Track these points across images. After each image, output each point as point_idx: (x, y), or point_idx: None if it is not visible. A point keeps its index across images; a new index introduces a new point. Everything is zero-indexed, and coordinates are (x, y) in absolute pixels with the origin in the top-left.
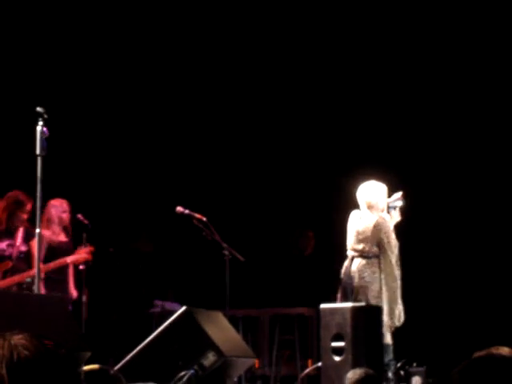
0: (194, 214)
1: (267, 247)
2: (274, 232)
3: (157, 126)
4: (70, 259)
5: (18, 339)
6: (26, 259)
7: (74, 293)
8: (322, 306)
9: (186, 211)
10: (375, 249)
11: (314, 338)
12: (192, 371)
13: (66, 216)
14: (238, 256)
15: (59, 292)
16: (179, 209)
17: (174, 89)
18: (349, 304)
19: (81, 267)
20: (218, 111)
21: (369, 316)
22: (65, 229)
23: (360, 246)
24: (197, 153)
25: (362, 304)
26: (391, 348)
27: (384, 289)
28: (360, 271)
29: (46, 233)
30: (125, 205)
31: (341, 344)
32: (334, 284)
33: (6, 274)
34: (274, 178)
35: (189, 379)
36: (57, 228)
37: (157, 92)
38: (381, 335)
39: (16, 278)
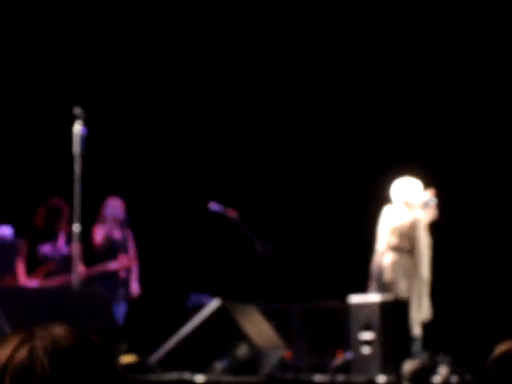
0: (227, 209)
1: (298, 241)
2: (305, 226)
3: (192, 122)
4: (112, 266)
5: (58, 331)
6: (68, 261)
7: (135, 289)
8: (352, 298)
9: (219, 206)
10: (408, 245)
11: (343, 330)
12: (226, 362)
13: (119, 213)
14: (269, 250)
15: (121, 289)
16: (212, 204)
17: (208, 87)
18: (378, 297)
19: (122, 275)
20: (252, 107)
21: (397, 309)
22: (121, 226)
23: (394, 241)
24: (229, 148)
25: (391, 298)
26: (419, 340)
27: (415, 284)
28: (392, 265)
29: (102, 229)
30: (161, 201)
31: (370, 336)
32: (363, 277)
33: (49, 276)
34: (305, 172)
35: (223, 370)
36: (111, 225)
37: (191, 90)
38: (408, 328)
39: (59, 280)
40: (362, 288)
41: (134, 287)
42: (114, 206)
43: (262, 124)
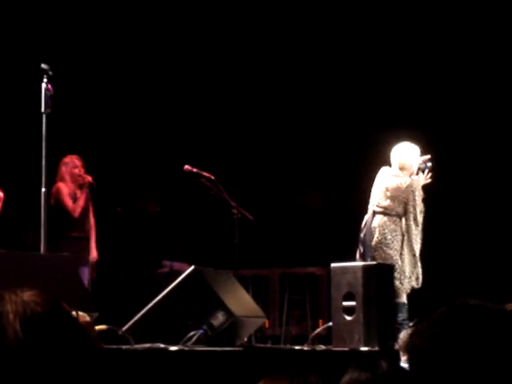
0: (202, 173)
1: (277, 206)
2: (284, 190)
3: (166, 82)
4: None
5: (29, 295)
6: None
7: (94, 253)
8: (333, 264)
9: (194, 170)
10: (400, 208)
11: (324, 298)
12: (201, 331)
13: (77, 171)
14: (247, 215)
15: (80, 251)
16: (187, 167)
17: (184, 49)
18: (360, 263)
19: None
20: (230, 69)
21: (380, 275)
22: (80, 185)
23: (386, 203)
24: (205, 110)
25: (374, 263)
26: (406, 307)
27: (406, 251)
28: (381, 227)
29: (66, 189)
30: (132, 164)
31: (352, 303)
32: (345, 243)
33: None
34: (284, 136)
35: (198, 339)
36: (71, 185)
37: (166, 50)
38: (393, 294)
39: None
40: (346, 254)
41: (93, 252)
42: (74, 165)
43: (240, 84)
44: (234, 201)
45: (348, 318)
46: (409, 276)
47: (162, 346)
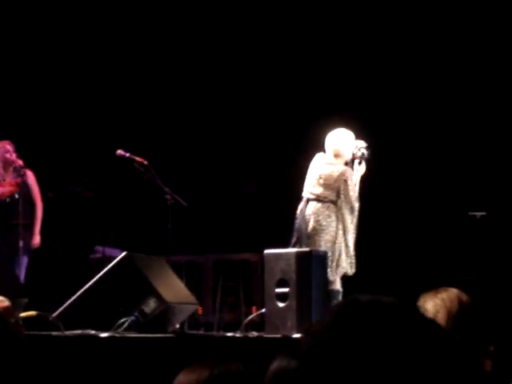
0: (135, 158)
1: (211, 192)
2: (218, 176)
3: (100, 65)
4: None
5: None
6: None
7: (35, 240)
8: (266, 251)
9: (127, 154)
10: (333, 196)
11: (258, 285)
12: (133, 318)
13: (9, 156)
14: (181, 200)
15: (17, 239)
16: (120, 152)
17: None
18: (293, 249)
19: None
20: (164, 52)
21: (314, 261)
22: (14, 170)
23: (319, 191)
24: (138, 95)
25: (307, 249)
26: (341, 295)
27: (339, 238)
28: (315, 214)
29: None
30: (64, 148)
31: (285, 290)
32: (279, 229)
33: None
34: (216, 119)
35: (129, 326)
36: (0, 170)
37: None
38: (326, 281)
39: None
40: (280, 240)
41: (35, 239)
42: (6, 151)
43: (173, 68)
44: (167, 186)
45: (281, 304)
46: (343, 263)
47: (92, 332)
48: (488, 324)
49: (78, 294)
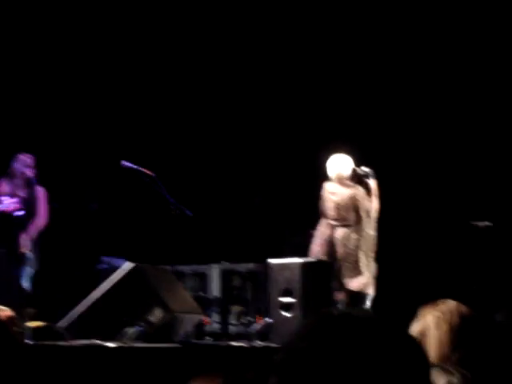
0: (142, 169)
1: (217, 202)
2: (225, 187)
3: (104, 78)
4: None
5: None
6: None
7: (26, 243)
8: (271, 260)
9: (134, 166)
10: (354, 217)
11: (264, 295)
12: (139, 327)
13: (28, 171)
14: (186, 211)
15: (32, 249)
16: (125, 164)
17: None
18: (298, 259)
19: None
20: (163, 65)
21: (318, 271)
22: (27, 184)
23: (341, 216)
24: (143, 106)
25: (312, 259)
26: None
27: (362, 252)
28: (344, 239)
29: (7, 186)
30: (69, 160)
31: (290, 300)
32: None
33: None
34: (221, 129)
35: (135, 335)
36: (19, 182)
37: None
38: (331, 290)
39: None
40: (282, 251)
41: (25, 243)
42: (24, 163)
43: (181, 83)
44: (172, 197)
45: (286, 314)
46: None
47: (99, 342)
48: (490, 335)
49: (86, 303)
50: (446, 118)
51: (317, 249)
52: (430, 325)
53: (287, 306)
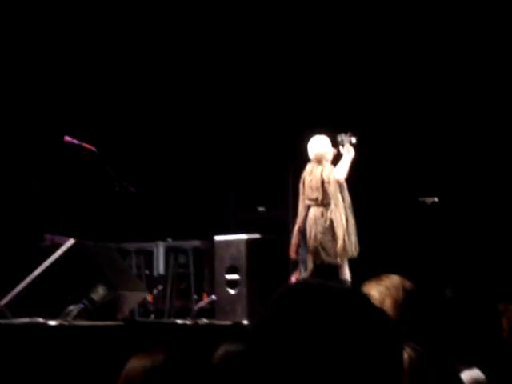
0: (84, 145)
1: (162, 178)
2: (169, 164)
3: (47, 52)
4: None
5: None
6: None
7: None
8: (217, 238)
9: (75, 141)
10: (327, 196)
11: (209, 272)
12: (81, 305)
13: None
14: (130, 187)
15: None
16: (67, 139)
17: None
18: (243, 236)
19: None
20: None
21: (264, 248)
22: None
23: (314, 196)
24: (86, 79)
25: (257, 236)
26: None
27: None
28: (316, 218)
29: None
30: (11, 135)
31: (235, 277)
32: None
33: None
34: (166, 107)
35: (78, 313)
36: None
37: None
38: (277, 267)
39: None
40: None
41: None
42: None
43: (120, 56)
44: (116, 173)
45: (231, 291)
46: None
47: (40, 320)
48: (434, 312)
49: (26, 281)
50: (394, 91)
51: (296, 227)
52: (375, 299)
53: (233, 283)
